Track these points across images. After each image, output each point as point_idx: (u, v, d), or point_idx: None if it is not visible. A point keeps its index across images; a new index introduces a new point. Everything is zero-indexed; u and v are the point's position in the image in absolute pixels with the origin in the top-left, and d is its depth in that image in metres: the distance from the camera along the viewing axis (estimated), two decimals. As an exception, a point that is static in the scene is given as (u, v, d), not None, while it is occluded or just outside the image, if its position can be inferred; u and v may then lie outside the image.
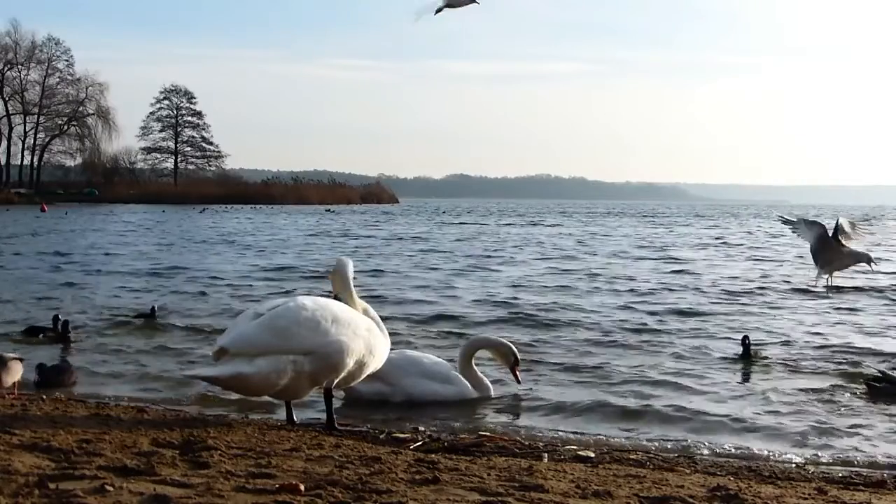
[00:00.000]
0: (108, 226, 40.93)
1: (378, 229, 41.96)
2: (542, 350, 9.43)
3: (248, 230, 38.60)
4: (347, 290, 6.06)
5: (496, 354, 7.46)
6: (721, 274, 19.12)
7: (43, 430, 5.03)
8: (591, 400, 7.22)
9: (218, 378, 5.63)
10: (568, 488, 4.21)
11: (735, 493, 4.23)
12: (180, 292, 14.42)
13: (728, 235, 40.16)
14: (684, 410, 6.97)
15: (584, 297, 14.56)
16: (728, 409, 7.07)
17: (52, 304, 12.59)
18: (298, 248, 27.25)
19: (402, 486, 4.09)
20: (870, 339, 10.45)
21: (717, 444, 6.08)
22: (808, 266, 18.41)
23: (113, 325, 10.72)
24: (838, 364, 8.81)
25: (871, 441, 6.25)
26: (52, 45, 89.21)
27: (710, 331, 10.94)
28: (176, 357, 8.81)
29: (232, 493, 3.84)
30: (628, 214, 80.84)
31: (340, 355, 5.60)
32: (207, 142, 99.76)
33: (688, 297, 14.46)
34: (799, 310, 13.25)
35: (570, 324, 11.40)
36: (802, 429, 6.53)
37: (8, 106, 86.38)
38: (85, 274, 17.56)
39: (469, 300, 13.88)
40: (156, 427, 5.35)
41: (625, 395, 7.44)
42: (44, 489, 3.73)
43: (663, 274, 18.95)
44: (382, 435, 5.76)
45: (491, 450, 5.41)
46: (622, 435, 6.30)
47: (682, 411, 6.96)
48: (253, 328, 5.58)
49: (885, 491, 4.78)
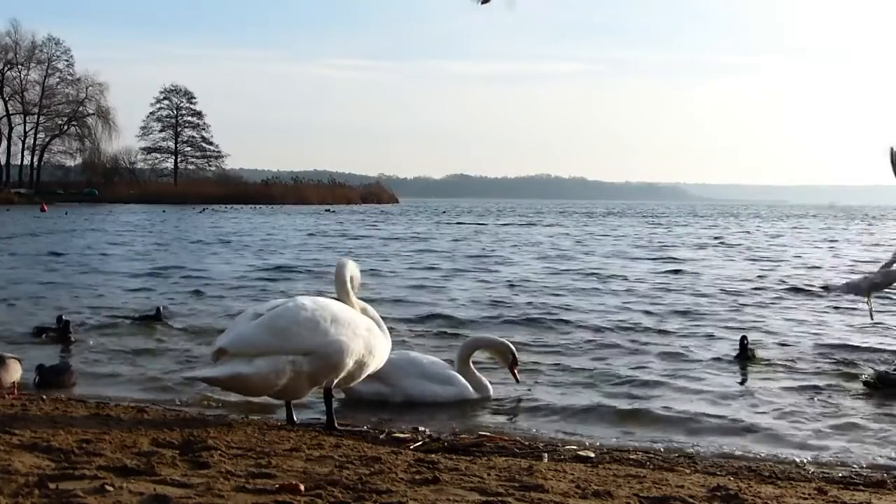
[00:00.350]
0: (107, 226, 40.89)
1: (376, 229, 41.96)
2: (540, 350, 9.44)
3: (245, 230, 38.62)
4: (344, 290, 6.05)
5: (494, 354, 7.46)
6: (719, 274, 19.13)
7: (43, 430, 5.03)
8: (589, 401, 7.22)
9: (217, 378, 5.62)
10: (568, 488, 4.21)
11: (735, 493, 4.23)
12: (179, 292, 14.42)
13: (727, 235, 40.20)
14: (683, 411, 6.97)
15: (581, 297, 14.57)
16: (727, 410, 7.07)
17: (46, 303, 12.59)
18: (296, 248, 27.24)
19: (402, 486, 4.09)
20: (867, 338, 10.45)
21: (716, 444, 6.08)
22: (803, 266, 18.48)
23: (116, 325, 10.71)
24: (837, 364, 8.81)
25: (870, 441, 6.25)
26: (52, 45, 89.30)
27: (708, 330, 10.93)
28: (176, 357, 8.81)
29: (232, 493, 3.84)
30: (628, 214, 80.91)
31: (340, 355, 5.59)
32: (207, 142, 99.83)
33: (685, 298, 14.46)
34: (797, 309, 13.26)
35: (568, 324, 11.40)
36: (802, 429, 6.53)
37: (8, 106, 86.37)
38: (81, 274, 17.57)
39: (464, 300, 13.88)
40: (156, 427, 5.34)
41: (623, 395, 7.43)
42: (44, 489, 3.73)
43: (659, 274, 18.96)
44: (382, 435, 5.76)
45: (491, 450, 5.41)
46: (622, 435, 6.30)
47: (682, 412, 6.95)
48: (252, 328, 5.57)
49: (885, 491, 4.78)
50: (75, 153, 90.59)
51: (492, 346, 7.45)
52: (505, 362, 7.36)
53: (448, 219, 60.95)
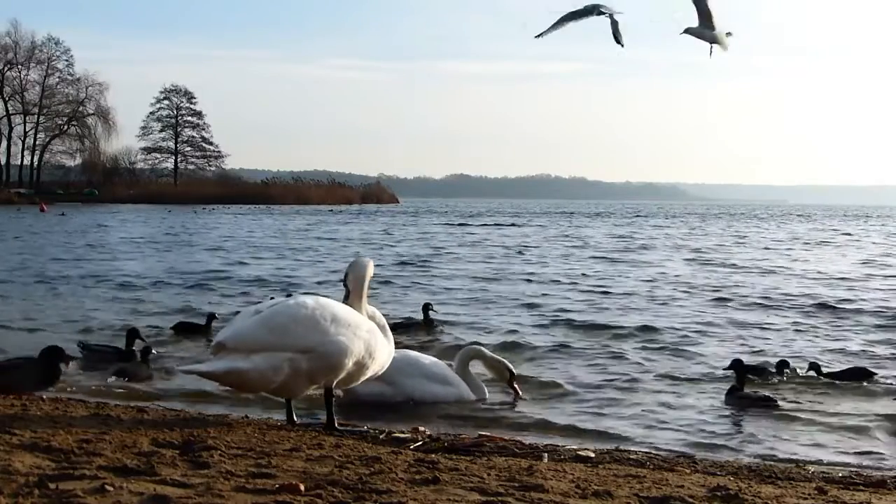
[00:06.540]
0: (106, 226, 40.84)
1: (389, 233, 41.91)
2: (534, 357, 9.43)
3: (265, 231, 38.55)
4: (361, 290, 5.96)
5: (489, 368, 7.47)
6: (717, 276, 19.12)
7: (43, 430, 5.03)
8: (588, 403, 7.25)
9: (214, 373, 5.60)
10: (568, 488, 4.20)
11: (735, 493, 4.23)
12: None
13: (677, 236, 40.11)
14: (682, 413, 6.98)
15: (577, 299, 14.58)
16: (728, 411, 7.09)
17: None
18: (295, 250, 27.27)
19: (402, 486, 4.08)
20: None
21: (716, 445, 6.08)
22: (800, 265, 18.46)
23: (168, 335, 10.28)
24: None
25: (870, 441, 6.26)
26: (52, 45, 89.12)
27: (699, 340, 10.54)
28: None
29: (232, 493, 3.83)
30: (615, 215, 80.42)
31: (339, 355, 5.57)
32: (207, 142, 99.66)
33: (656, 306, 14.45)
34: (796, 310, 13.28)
35: (566, 324, 11.43)
36: (801, 429, 6.54)
37: (8, 106, 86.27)
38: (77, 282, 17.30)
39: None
40: (156, 427, 5.34)
41: (607, 403, 7.37)
42: (44, 489, 3.73)
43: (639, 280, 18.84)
44: (382, 435, 5.75)
45: (491, 450, 5.41)
46: (623, 435, 6.30)
47: (681, 413, 6.97)
48: (251, 324, 5.56)
49: (885, 491, 4.78)
50: (75, 153, 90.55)
51: (489, 361, 7.45)
52: (502, 378, 7.40)
53: (450, 219, 60.88)
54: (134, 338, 8.65)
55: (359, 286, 5.96)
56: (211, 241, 30.47)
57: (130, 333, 8.73)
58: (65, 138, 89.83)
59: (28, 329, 10.58)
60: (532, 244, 31.26)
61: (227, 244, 28.56)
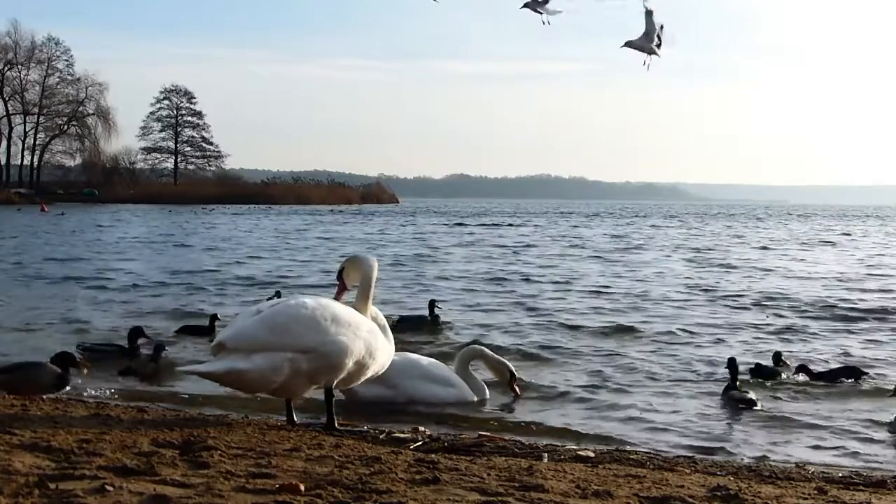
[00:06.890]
0: (106, 226, 40.85)
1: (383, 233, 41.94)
2: (532, 356, 9.43)
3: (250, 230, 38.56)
4: (365, 291, 5.93)
5: (491, 368, 7.46)
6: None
7: (43, 430, 5.02)
8: (588, 404, 7.25)
9: (214, 374, 5.60)
10: (568, 488, 4.20)
11: (735, 493, 4.22)
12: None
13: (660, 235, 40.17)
14: (682, 412, 6.98)
15: (573, 301, 14.59)
16: (726, 410, 7.08)
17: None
18: (297, 251, 27.25)
19: (402, 486, 4.08)
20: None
21: (716, 445, 6.08)
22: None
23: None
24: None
25: (870, 441, 6.26)
26: (52, 45, 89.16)
27: (699, 341, 10.56)
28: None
29: (232, 493, 3.83)
30: (611, 216, 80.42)
31: (339, 355, 5.56)
32: (207, 142, 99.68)
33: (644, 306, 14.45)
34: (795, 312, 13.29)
35: (566, 324, 11.42)
36: (801, 429, 6.54)
37: (8, 106, 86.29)
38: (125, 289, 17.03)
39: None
40: (156, 427, 5.34)
41: (615, 400, 7.40)
42: (44, 489, 3.73)
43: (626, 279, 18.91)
44: (382, 435, 5.75)
45: (491, 450, 5.40)
46: (622, 435, 6.30)
47: (681, 413, 6.97)
48: (251, 324, 5.55)
49: (885, 491, 4.78)
50: (75, 153, 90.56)
51: (490, 361, 7.44)
52: (503, 378, 7.39)
53: (446, 220, 60.90)
54: (138, 336, 8.64)
55: (366, 286, 5.94)
56: (210, 240, 30.46)
57: (134, 332, 8.72)
58: (65, 138, 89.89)
59: (24, 329, 10.56)
60: (531, 244, 31.27)
61: (226, 244, 28.55)
